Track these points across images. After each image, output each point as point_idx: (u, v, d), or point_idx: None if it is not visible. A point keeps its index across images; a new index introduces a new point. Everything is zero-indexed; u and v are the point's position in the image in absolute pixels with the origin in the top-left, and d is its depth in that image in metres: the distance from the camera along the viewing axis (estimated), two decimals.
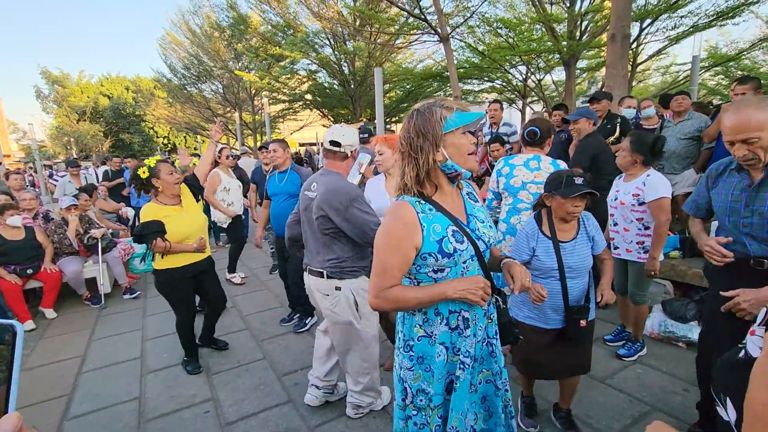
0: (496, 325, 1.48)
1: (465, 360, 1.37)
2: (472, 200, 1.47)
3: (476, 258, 1.35)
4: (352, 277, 2.24)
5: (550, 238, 2.00)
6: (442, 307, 1.36)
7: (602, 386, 2.72)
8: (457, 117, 1.26)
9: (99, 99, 33.14)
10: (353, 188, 2.20)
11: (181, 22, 18.87)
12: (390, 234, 1.30)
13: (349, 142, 2.28)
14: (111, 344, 3.70)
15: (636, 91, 15.32)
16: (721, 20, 9.64)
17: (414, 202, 1.31)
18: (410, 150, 1.29)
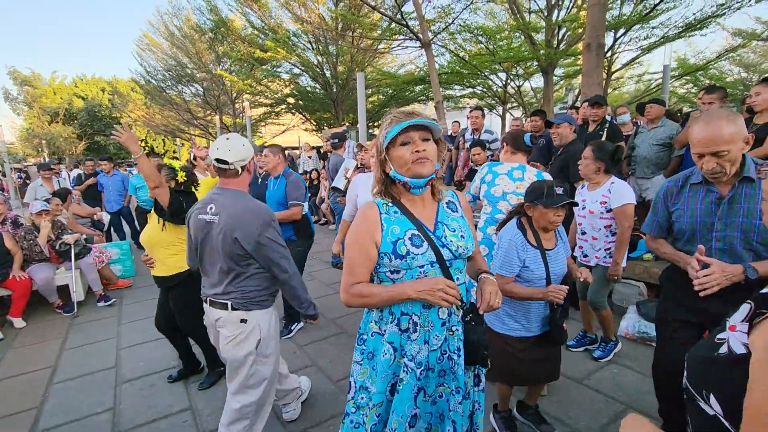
0: (459, 341, 1.42)
1: (409, 364, 1.37)
2: (449, 209, 1.48)
3: (438, 265, 1.36)
4: (259, 308, 2.05)
5: (537, 248, 2.02)
6: (395, 307, 1.40)
7: (579, 387, 2.78)
8: (391, 131, 1.31)
9: (73, 100, 32.18)
10: (264, 210, 1.99)
11: (159, 24, 18.54)
12: (355, 231, 1.40)
13: (237, 158, 1.98)
14: (84, 354, 3.58)
15: (611, 99, 15.80)
16: (689, 32, 10.06)
17: (381, 204, 1.41)
18: (375, 161, 1.43)
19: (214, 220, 1.98)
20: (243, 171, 2.05)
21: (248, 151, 2.03)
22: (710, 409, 0.74)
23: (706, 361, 0.76)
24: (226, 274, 2.01)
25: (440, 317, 1.40)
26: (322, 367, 3.14)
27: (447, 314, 1.41)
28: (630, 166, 4.66)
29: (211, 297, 2.07)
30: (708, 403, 0.74)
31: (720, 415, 0.72)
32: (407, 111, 1.36)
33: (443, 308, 1.40)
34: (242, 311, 2.02)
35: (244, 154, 2.01)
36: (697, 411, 0.77)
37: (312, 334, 3.71)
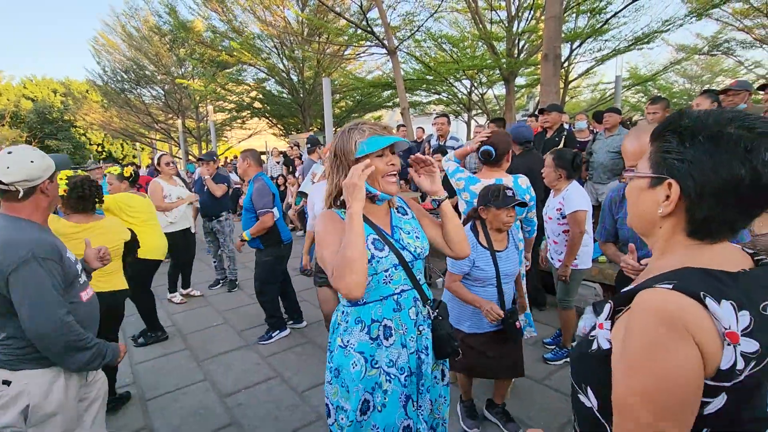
0: (427, 339, 1.44)
1: (390, 370, 1.36)
2: (400, 213, 1.52)
3: (401, 267, 1.39)
4: (34, 367, 1.51)
5: (487, 249, 2.13)
6: (363, 314, 1.37)
7: (540, 387, 2.86)
8: (370, 142, 1.31)
9: (21, 102, 30.28)
10: (31, 244, 1.47)
11: (116, 24, 17.80)
12: (323, 233, 1.35)
13: (20, 178, 1.49)
14: None
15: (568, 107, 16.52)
16: (638, 45, 10.72)
17: (340, 213, 1.39)
18: (330, 169, 1.40)
19: None
20: (32, 194, 1.55)
21: (32, 170, 1.52)
22: (588, 401, 0.79)
23: (582, 356, 0.81)
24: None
25: (411, 318, 1.41)
26: (287, 378, 3.08)
27: (416, 314, 1.43)
28: (588, 171, 4.89)
29: None
30: (587, 396, 0.79)
31: (595, 407, 0.78)
32: (381, 124, 1.38)
33: (412, 309, 1.42)
34: (5, 370, 1.50)
35: (26, 173, 1.51)
36: (579, 403, 0.82)
37: (276, 344, 3.64)
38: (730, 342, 0.63)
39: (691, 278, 0.68)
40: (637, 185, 0.81)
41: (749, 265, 0.75)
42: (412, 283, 1.43)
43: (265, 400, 2.82)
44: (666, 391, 0.64)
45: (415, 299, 1.44)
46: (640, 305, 0.69)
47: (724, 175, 0.67)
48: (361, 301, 1.38)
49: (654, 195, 0.76)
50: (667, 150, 0.74)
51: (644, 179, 0.78)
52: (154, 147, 23.30)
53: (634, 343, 0.67)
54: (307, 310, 4.14)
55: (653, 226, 0.79)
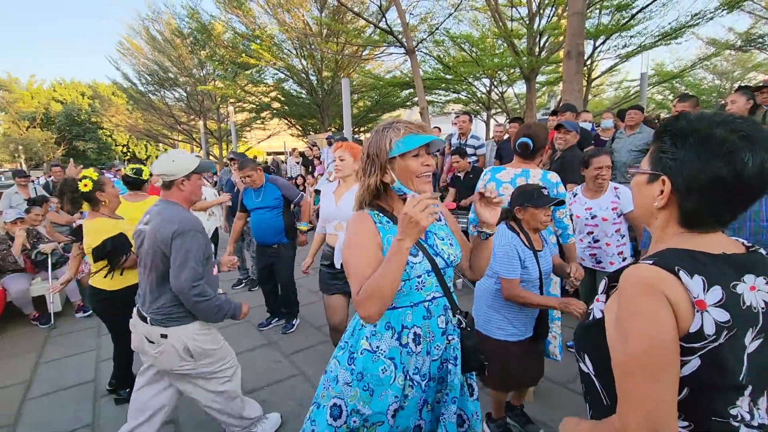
0: (456, 350, 1.40)
1: (415, 377, 1.35)
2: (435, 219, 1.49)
3: (434, 273, 1.36)
4: (178, 324, 2.01)
5: (530, 249, 2.08)
6: (394, 321, 1.35)
7: (564, 390, 2.81)
8: (406, 141, 1.27)
9: (51, 104, 31.45)
10: (190, 220, 1.99)
11: (140, 28, 18.29)
12: (353, 238, 1.31)
13: (160, 171, 2.04)
14: (61, 367, 3.47)
15: (591, 105, 16.16)
16: (665, 40, 10.38)
17: (373, 214, 1.35)
18: (363, 169, 1.35)
19: (145, 230, 2.04)
20: (172, 186, 2.07)
21: (176, 167, 2.04)
22: (586, 367, 0.91)
23: (581, 327, 0.93)
24: (148, 285, 2.04)
25: (440, 326, 1.38)
26: (309, 377, 3.11)
27: (445, 323, 1.40)
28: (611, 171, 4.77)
29: (138, 308, 2.12)
30: (585, 363, 0.91)
31: (591, 373, 0.89)
32: (417, 123, 1.34)
33: (442, 317, 1.39)
34: (160, 327, 1.99)
35: (169, 169, 2.04)
36: (581, 371, 0.94)
37: (298, 342, 3.67)
38: (698, 309, 0.74)
39: (671, 256, 0.79)
40: (638, 180, 0.92)
41: (739, 251, 0.84)
42: (443, 291, 1.39)
43: (288, 398, 2.85)
44: (654, 348, 0.74)
45: (445, 307, 1.41)
46: (626, 279, 0.80)
47: (709, 173, 0.76)
48: (390, 306, 1.34)
49: (651, 189, 0.86)
50: (663, 150, 0.84)
51: (644, 175, 0.89)
52: (177, 147, 23.87)
53: (623, 311, 0.79)
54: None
55: (651, 216, 0.89)
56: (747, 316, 0.76)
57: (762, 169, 0.74)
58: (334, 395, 1.38)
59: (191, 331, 2.04)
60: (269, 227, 3.67)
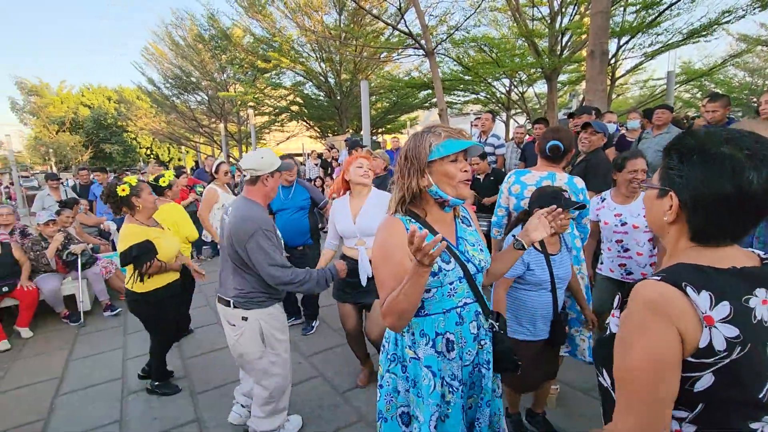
0: (489, 353, 1.42)
1: (453, 383, 1.36)
2: (464, 224, 1.48)
3: (465, 280, 1.35)
4: (259, 307, 2.20)
5: (541, 252, 2.04)
6: (428, 328, 1.35)
7: (586, 397, 2.74)
8: (445, 145, 1.27)
9: (79, 109, 32.58)
10: (259, 219, 2.12)
11: (164, 34, 18.78)
12: (382, 245, 1.32)
13: (249, 166, 2.18)
14: (90, 364, 3.58)
15: (615, 105, 15.78)
16: (694, 38, 10.05)
17: (405, 220, 1.34)
18: (400, 173, 1.35)
19: (227, 222, 2.20)
20: (257, 181, 2.21)
21: (261, 162, 2.18)
22: (604, 381, 0.93)
23: (599, 341, 0.95)
24: (230, 272, 2.20)
25: (472, 332, 1.39)
26: (328, 378, 3.12)
27: (477, 328, 1.40)
28: None
29: (219, 294, 2.26)
30: (603, 377, 0.92)
31: (609, 386, 0.91)
32: (456, 129, 1.35)
33: (474, 322, 1.39)
34: (242, 309, 2.17)
35: (255, 164, 2.17)
36: (600, 385, 0.95)
37: (318, 343, 3.70)
38: (707, 324, 0.75)
39: (680, 272, 0.80)
40: (649, 194, 0.94)
41: (753, 264, 0.83)
42: (475, 296, 1.39)
43: (308, 399, 2.87)
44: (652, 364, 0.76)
45: (477, 313, 1.41)
46: (634, 295, 0.83)
47: (714, 191, 0.78)
48: (423, 312, 1.35)
49: (661, 204, 0.88)
50: (671, 166, 0.86)
51: (654, 190, 0.91)
52: (198, 150, 24.38)
53: (627, 326, 0.82)
54: None
55: (663, 230, 0.91)
56: (759, 330, 0.76)
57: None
58: (399, 405, 1.42)
59: (268, 315, 2.22)
60: (297, 228, 3.68)
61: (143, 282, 2.77)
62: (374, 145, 10.85)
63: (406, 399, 1.41)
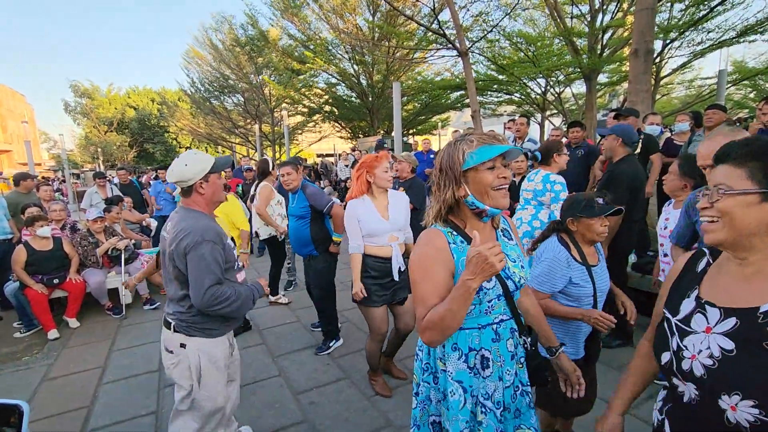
0: (526, 372, 1.39)
1: (486, 403, 1.29)
2: (506, 237, 1.42)
3: (503, 298, 1.31)
4: (202, 336, 1.93)
5: (582, 264, 1.94)
6: (461, 342, 1.31)
7: (628, 417, 2.60)
8: (479, 152, 1.22)
9: (126, 110, 34.41)
10: (204, 230, 1.85)
11: (204, 38, 19.53)
12: (422, 259, 1.26)
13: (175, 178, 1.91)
14: (130, 355, 3.75)
15: (659, 105, 15.03)
16: (748, 35, 9.41)
17: (446, 232, 1.30)
18: (436, 185, 1.32)
19: (166, 237, 1.94)
20: (191, 190, 1.94)
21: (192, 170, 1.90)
22: None
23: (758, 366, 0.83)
24: (173, 291, 1.94)
25: (509, 350, 1.34)
26: (356, 381, 3.12)
27: (514, 346, 1.35)
28: None
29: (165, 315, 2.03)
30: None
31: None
32: (491, 134, 1.30)
33: (510, 340, 1.34)
34: (182, 334, 1.91)
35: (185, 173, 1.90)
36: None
37: (346, 345, 3.71)
38: None
39: None
40: (741, 201, 0.87)
41: None
42: (511, 313, 1.34)
43: (336, 401, 2.88)
44: None
45: (512, 330, 1.36)
46: None
47: None
48: None
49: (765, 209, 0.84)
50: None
51: (755, 195, 0.85)
52: (234, 150, 25.19)
53: None
54: None
55: (760, 237, 0.87)
56: None
57: None
58: (431, 413, 1.41)
59: (211, 347, 1.95)
60: (297, 238, 3.49)
61: None
62: (405, 146, 10.82)
63: (437, 409, 1.39)
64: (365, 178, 2.69)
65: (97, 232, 4.81)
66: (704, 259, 1.04)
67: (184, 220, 1.89)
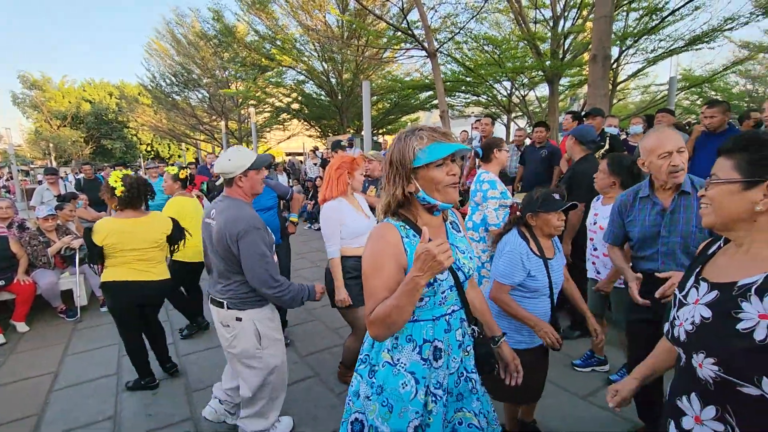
0: (473, 358, 1.41)
1: (436, 392, 1.31)
2: (454, 230, 1.45)
3: (455, 288, 1.34)
4: (252, 308, 2.19)
5: (540, 257, 2.02)
6: (415, 333, 1.31)
7: (585, 404, 2.73)
8: (430, 150, 1.22)
9: (81, 104, 32.56)
10: (250, 217, 2.11)
11: (166, 31, 18.80)
12: (374, 254, 1.26)
13: (220, 170, 2.17)
14: (86, 360, 3.57)
15: (616, 109, 15.79)
16: (696, 44, 10.07)
17: (399, 226, 1.30)
18: (386, 178, 1.31)
19: (213, 224, 2.15)
20: (232, 183, 2.19)
21: (237, 163, 2.15)
22: (755, 389, 0.87)
23: (752, 349, 0.88)
24: (223, 273, 2.17)
25: (458, 339, 1.36)
26: (324, 379, 3.11)
27: (462, 335, 1.38)
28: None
29: (212, 295, 2.25)
30: (759, 386, 0.87)
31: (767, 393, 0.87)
32: (441, 130, 1.28)
33: (459, 330, 1.37)
34: (236, 310, 2.17)
35: (230, 166, 2.15)
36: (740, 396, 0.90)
37: (314, 343, 3.69)
38: None
39: None
40: (728, 189, 0.97)
41: None
42: (461, 303, 1.38)
43: (305, 399, 2.86)
44: None
45: (462, 320, 1.39)
46: None
47: None
48: (412, 318, 1.30)
49: (749, 196, 0.94)
50: (764, 157, 0.92)
51: (737, 184, 0.95)
52: (198, 147, 24.39)
53: None
54: None
55: (744, 222, 0.96)
56: None
57: None
58: (354, 410, 1.36)
59: (263, 315, 2.23)
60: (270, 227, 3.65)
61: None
62: (375, 145, 10.84)
63: (362, 406, 1.34)
64: (346, 179, 2.70)
65: (48, 231, 4.55)
66: (718, 243, 1.13)
67: (230, 208, 2.13)
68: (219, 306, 2.20)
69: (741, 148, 0.96)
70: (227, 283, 2.17)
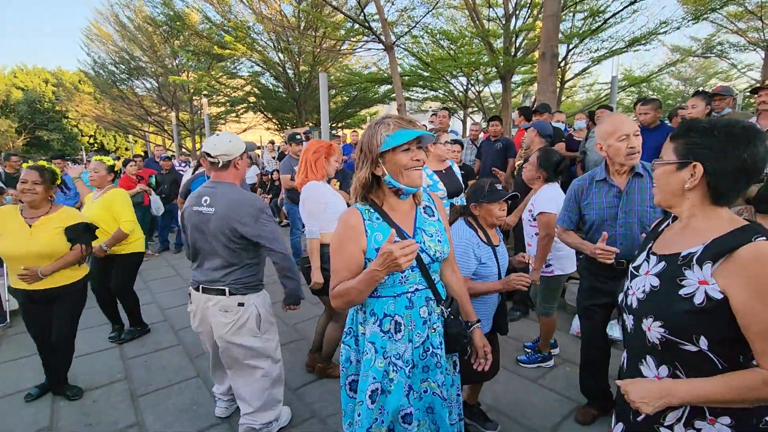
0: (440, 336, 1.49)
1: (397, 362, 1.42)
2: (427, 214, 1.52)
3: (418, 269, 1.42)
4: (254, 292, 2.23)
5: (488, 245, 2.09)
6: (377, 308, 1.43)
7: (534, 386, 2.87)
8: (396, 136, 1.33)
9: (12, 91, 29.78)
10: (255, 198, 2.20)
11: (109, 13, 17.50)
12: (338, 236, 1.42)
13: (221, 152, 2.14)
14: (17, 368, 3.29)
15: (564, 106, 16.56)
16: (634, 46, 10.75)
17: (363, 210, 1.43)
18: (356, 163, 1.43)
19: (209, 212, 2.11)
20: (230, 165, 2.18)
21: (233, 147, 2.17)
22: (694, 347, 1.01)
23: (692, 311, 1.00)
24: (224, 260, 2.14)
25: (422, 316, 1.45)
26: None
27: (427, 313, 1.46)
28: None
29: (203, 284, 2.19)
30: (696, 343, 1.00)
31: (705, 348, 1.00)
32: (407, 118, 1.41)
33: (424, 308, 1.45)
34: (239, 295, 2.17)
35: (227, 149, 2.15)
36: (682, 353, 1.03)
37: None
38: None
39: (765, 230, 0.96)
40: (666, 169, 1.10)
41: None
42: (427, 284, 1.46)
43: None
44: None
45: (428, 299, 1.47)
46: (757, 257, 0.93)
47: (736, 158, 0.98)
48: (375, 294, 1.43)
49: (680, 175, 1.06)
50: (694, 142, 1.04)
51: (672, 165, 1.08)
52: (147, 139, 23.02)
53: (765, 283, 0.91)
54: None
55: (679, 198, 1.09)
56: None
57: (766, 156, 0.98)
58: (350, 374, 1.53)
59: (262, 299, 2.26)
60: None
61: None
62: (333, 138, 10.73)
63: (356, 369, 1.51)
64: (323, 163, 2.72)
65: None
66: (667, 221, 1.25)
67: (231, 192, 2.13)
68: (219, 293, 2.15)
69: (682, 134, 1.08)
70: (231, 269, 2.14)
